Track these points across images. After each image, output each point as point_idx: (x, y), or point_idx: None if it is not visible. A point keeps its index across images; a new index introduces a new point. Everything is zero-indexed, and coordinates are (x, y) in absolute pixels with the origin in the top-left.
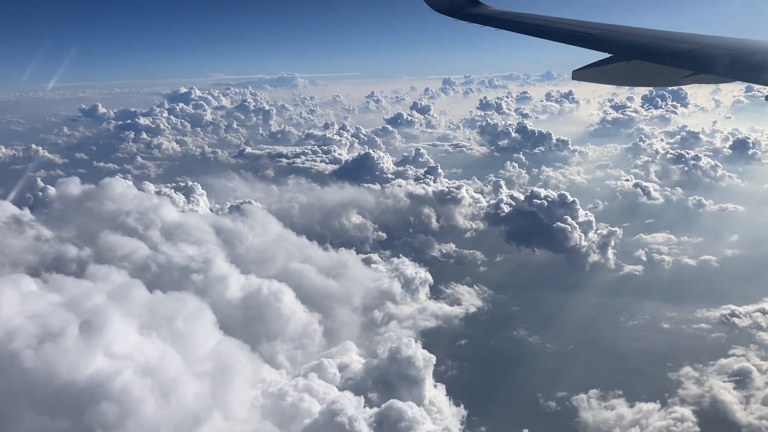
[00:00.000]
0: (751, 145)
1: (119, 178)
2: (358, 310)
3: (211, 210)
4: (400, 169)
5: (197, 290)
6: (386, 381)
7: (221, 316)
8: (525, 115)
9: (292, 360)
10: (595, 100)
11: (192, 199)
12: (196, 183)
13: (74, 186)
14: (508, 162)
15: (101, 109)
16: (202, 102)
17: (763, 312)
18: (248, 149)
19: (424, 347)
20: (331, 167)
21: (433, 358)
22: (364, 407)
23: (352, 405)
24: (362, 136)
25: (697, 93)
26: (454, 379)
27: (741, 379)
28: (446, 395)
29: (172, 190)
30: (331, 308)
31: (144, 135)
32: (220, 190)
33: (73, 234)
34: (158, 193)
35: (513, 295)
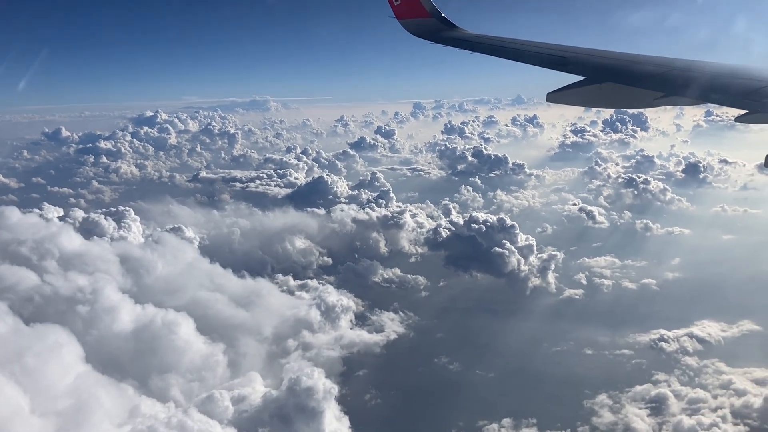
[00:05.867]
0: (702, 169)
1: (13, 207)
2: (269, 339)
3: (143, 236)
4: (354, 193)
5: (83, 322)
6: (283, 414)
7: (108, 348)
8: (487, 140)
9: (187, 393)
10: (561, 124)
11: (123, 225)
12: (128, 208)
13: None
14: (463, 186)
15: (65, 133)
16: (167, 125)
17: (691, 336)
18: (203, 173)
19: (337, 376)
20: (285, 191)
21: (335, 389)
22: None
23: None
24: (323, 160)
25: (660, 117)
26: (362, 410)
27: (657, 406)
28: (349, 427)
29: (102, 216)
30: (237, 338)
31: (104, 159)
32: (166, 215)
33: None
34: (86, 219)
35: (441, 322)
